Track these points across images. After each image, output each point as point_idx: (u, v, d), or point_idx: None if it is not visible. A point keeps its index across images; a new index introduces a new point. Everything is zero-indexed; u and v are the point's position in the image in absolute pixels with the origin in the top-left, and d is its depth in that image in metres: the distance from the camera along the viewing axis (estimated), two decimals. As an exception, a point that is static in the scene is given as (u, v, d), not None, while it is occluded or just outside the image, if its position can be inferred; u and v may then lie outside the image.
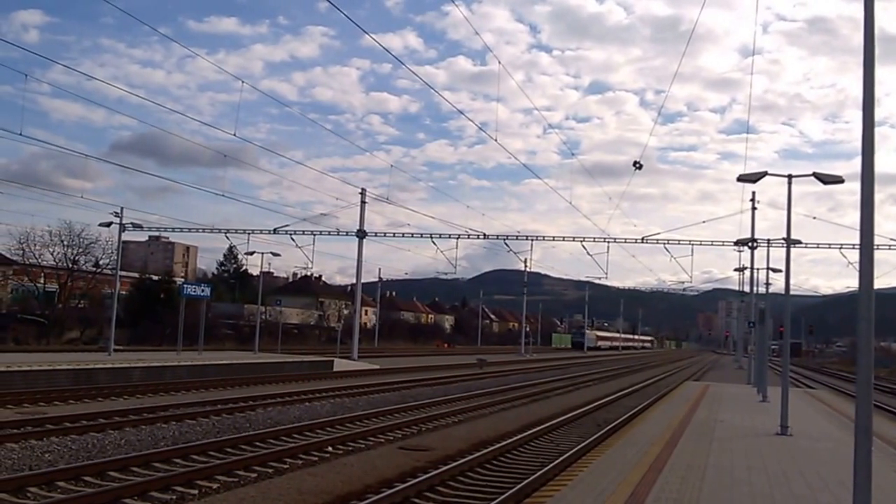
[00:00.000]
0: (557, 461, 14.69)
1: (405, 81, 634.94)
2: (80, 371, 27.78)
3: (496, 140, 33.38)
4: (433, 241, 54.15)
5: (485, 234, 55.74)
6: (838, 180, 16.98)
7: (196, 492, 11.71)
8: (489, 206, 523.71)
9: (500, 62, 32.63)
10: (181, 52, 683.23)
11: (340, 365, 43.54)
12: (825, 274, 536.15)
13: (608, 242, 53.12)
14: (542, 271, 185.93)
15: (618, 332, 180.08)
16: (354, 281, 57.93)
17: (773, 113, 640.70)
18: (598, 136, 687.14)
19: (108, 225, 41.77)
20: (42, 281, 66.04)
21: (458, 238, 54.46)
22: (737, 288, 64.64)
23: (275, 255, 53.75)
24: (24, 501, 10.83)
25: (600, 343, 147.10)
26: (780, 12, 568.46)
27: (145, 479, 12.01)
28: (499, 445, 16.98)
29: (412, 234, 56.45)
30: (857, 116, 8.65)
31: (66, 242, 61.42)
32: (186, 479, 12.14)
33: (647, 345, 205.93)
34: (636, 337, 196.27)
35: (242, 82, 40.63)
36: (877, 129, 8.75)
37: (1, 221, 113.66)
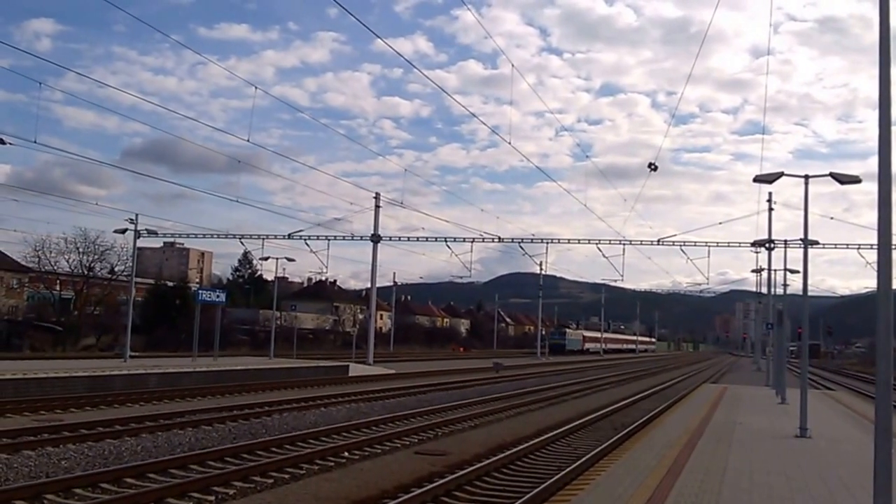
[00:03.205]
0: (574, 465, 14.61)
1: (416, 86, 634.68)
2: (96, 378, 27.88)
3: (510, 143, 33.41)
4: (448, 245, 54.13)
5: (499, 238, 55.70)
6: (855, 180, 16.84)
7: (213, 498, 11.72)
8: (502, 210, 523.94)
9: (513, 65, 32.64)
10: (193, 58, 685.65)
11: (356, 370, 43.54)
12: (842, 274, 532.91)
13: (623, 244, 52.91)
14: (558, 274, 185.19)
15: (634, 333, 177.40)
16: (369, 285, 58.06)
17: (786, 113, 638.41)
18: (611, 139, 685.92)
19: (124, 232, 42.01)
20: (58, 288, 66.47)
21: (472, 241, 54.45)
22: (753, 289, 64.32)
23: (289, 260, 54.07)
24: (42, 509, 10.86)
25: (589, 345, 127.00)
26: (791, 12, 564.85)
27: (162, 485, 12.01)
28: (516, 450, 16.92)
29: (426, 237, 56.47)
30: (869, 116, 8.69)
31: (81, 249, 61.88)
32: (203, 486, 12.14)
33: (651, 346, 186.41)
34: (638, 338, 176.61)
35: (256, 88, 40.84)
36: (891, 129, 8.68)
37: (17, 229, 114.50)
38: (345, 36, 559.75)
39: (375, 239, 52.58)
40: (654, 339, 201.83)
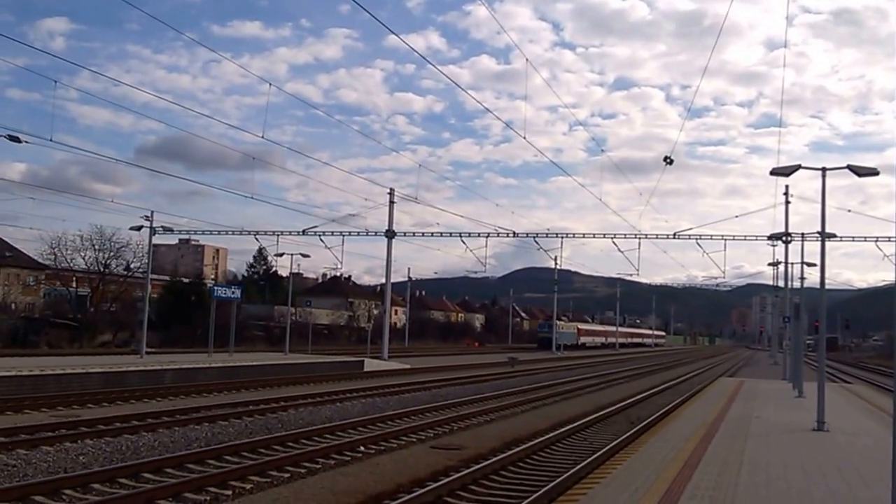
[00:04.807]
0: (590, 459, 14.60)
1: (429, 81, 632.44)
2: (113, 374, 28.03)
3: (524, 137, 33.27)
4: (462, 240, 53.99)
5: (514, 233, 55.53)
6: (873, 172, 16.75)
7: (230, 492, 11.75)
8: (517, 205, 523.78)
9: (527, 59, 32.44)
10: (206, 56, 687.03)
11: (371, 365, 43.61)
12: (859, 267, 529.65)
13: (639, 238, 52.61)
14: (573, 269, 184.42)
15: (650, 327, 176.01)
16: (384, 281, 58.08)
17: (801, 106, 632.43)
18: (625, 133, 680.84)
19: (139, 229, 42.16)
20: (74, 285, 66.77)
21: (487, 237, 54.27)
22: (770, 282, 63.99)
23: (304, 256, 53.88)
24: None
25: (584, 339, 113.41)
26: (806, 4, 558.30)
27: (179, 480, 12.07)
28: (531, 444, 16.90)
29: (441, 233, 56.34)
30: (886, 108, 8.58)
31: (97, 247, 62.06)
32: (220, 480, 12.19)
33: (660, 340, 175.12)
34: (646, 332, 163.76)
35: (269, 85, 40.92)
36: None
37: (33, 227, 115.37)
38: (357, 32, 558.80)
39: (390, 234, 52.58)
40: (663, 333, 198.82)
